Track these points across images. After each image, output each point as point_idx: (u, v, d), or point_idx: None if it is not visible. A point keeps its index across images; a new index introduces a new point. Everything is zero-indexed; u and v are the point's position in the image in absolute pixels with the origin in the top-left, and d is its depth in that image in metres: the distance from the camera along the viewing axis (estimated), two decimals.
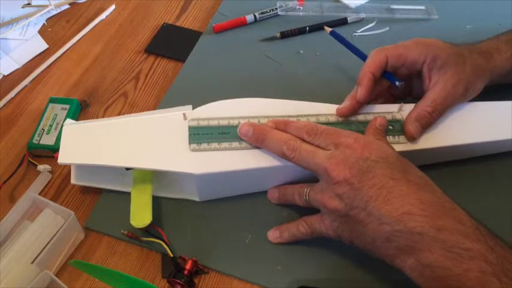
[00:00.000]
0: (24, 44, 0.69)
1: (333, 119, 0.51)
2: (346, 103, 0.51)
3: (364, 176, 0.41)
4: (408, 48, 0.51)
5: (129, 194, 0.51)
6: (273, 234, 0.50)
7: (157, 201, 0.51)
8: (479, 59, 0.52)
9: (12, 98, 0.64)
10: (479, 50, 0.53)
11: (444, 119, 0.52)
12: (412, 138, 0.50)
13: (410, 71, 0.52)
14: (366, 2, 0.73)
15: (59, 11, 0.74)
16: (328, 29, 0.61)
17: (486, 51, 0.53)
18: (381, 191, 0.41)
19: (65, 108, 0.60)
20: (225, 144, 0.49)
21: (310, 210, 0.47)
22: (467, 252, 0.37)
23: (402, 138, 0.51)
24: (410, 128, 0.50)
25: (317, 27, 0.69)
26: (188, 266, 0.47)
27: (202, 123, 0.50)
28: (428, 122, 0.50)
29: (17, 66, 0.67)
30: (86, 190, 0.54)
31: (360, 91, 0.50)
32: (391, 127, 0.51)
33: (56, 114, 0.59)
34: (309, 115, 0.51)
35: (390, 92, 0.55)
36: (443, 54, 0.50)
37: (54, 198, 0.54)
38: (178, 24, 0.72)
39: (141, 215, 0.48)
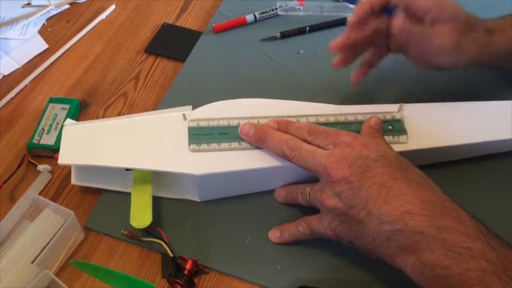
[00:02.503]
0: (24, 44, 0.69)
1: (332, 119, 0.51)
2: (338, 38, 0.50)
3: (364, 174, 0.41)
4: None
5: (129, 194, 0.51)
6: (273, 234, 0.50)
7: (157, 201, 0.51)
8: (479, 32, 0.51)
9: (12, 98, 0.64)
10: (485, 26, 0.52)
11: (444, 119, 0.52)
12: (394, 26, 0.50)
13: (412, 17, 0.50)
14: None
15: (59, 11, 0.74)
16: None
17: (489, 27, 0.52)
18: (381, 190, 0.41)
19: (65, 108, 0.60)
20: (224, 145, 0.49)
21: (312, 210, 0.47)
22: (467, 251, 0.37)
23: (402, 138, 0.51)
24: (395, 18, 0.49)
25: (317, 27, 0.69)
26: (188, 266, 0.47)
27: (202, 123, 0.50)
28: (405, 28, 0.49)
29: (17, 66, 0.67)
30: (86, 190, 0.54)
31: (352, 17, 0.50)
32: (390, 127, 0.51)
33: (56, 114, 0.59)
34: (309, 115, 0.51)
35: (383, 41, 0.53)
36: (453, 8, 0.49)
37: (54, 198, 0.54)
38: (178, 24, 0.72)
39: (141, 216, 0.48)
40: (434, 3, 0.49)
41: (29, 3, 0.73)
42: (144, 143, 0.50)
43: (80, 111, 0.62)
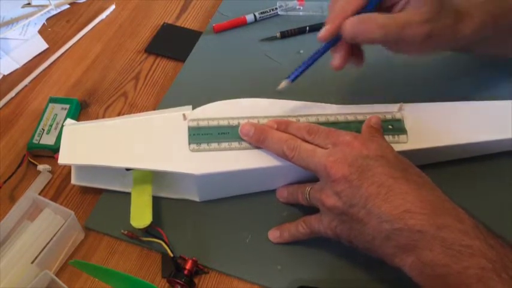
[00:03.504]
0: (24, 44, 0.69)
1: (332, 119, 0.51)
2: (325, 27, 0.47)
3: (363, 174, 0.41)
4: None
5: (129, 194, 0.51)
6: (273, 234, 0.50)
7: (157, 201, 0.51)
8: (450, 18, 0.47)
9: (12, 98, 0.64)
10: (455, 7, 0.48)
11: (444, 119, 0.52)
12: (344, 31, 0.46)
13: (389, 3, 0.48)
14: None
15: (59, 10, 0.74)
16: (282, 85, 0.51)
17: (459, 11, 0.48)
18: (380, 189, 0.41)
19: (65, 108, 0.60)
20: (224, 145, 0.49)
21: (313, 210, 0.47)
22: (467, 249, 0.37)
23: (402, 137, 0.51)
24: (348, 21, 0.46)
25: (317, 27, 0.69)
26: (188, 266, 0.47)
27: (202, 123, 0.50)
28: (369, 29, 0.45)
29: (17, 66, 0.67)
30: (86, 190, 0.54)
31: (323, 32, 0.47)
32: (390, 126, 0.51)
33: (56, 114, 0.59)
34: (309, 115, 0.51)
35: None
36: None
37: (54, 198, 0.54)
38: (178, 24, 0.72)
39: (141, 216, 0.48)
40: None
41: (29, 3, 0.73)
42: (144, 143, 0.50)
43: (80, 111, 0.62)
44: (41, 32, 0.71)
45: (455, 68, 0.62)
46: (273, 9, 0.71)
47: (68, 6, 0.75)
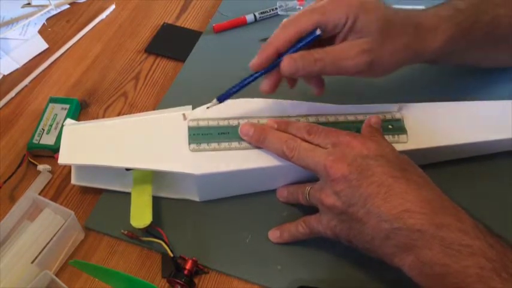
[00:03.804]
0: (24, 44, 0.69)
1: (332, 119, 0.52)
2: (256, 57, 0.47)
3: (363, 173, 0.41)
4: (326, 13, 0.45)
5: (129, 194, 0.51)
6: (273, 234, 0.50)
7: (157, 201, 0.51)
8: (408, 35, 0.47)
9: (12, 98, 0.64)
10: (416, 24, 0.48)
11: (444, 119, 0.52)
12: (282, 69, 0.45)
13: (330, 34, 0.46)
14: None
15: (59, 10, 0.74)
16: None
17: (422, 27, 0.48)
18: (380, 188, 0.41)
19: (65, 108, 0.60)
20: (224, 145, 0.49)
21: (313, 210, 0.47)
22: (466, 248, 0.37)
23: (402, 137, 0.51)
24: (285, 59, 0.45)
25: None
26: (188, 266, 0.47)
27: (202, 123, 0.50)
28: (306, 65, 0.45)
29: (17, 66, 0.67)
30: (86, 190, 0.54)
31: (254, 61, 0.47)
32: (390, 126, 0.51)
33: (56, 114, 0.59)
34: (309, 115, 0.51)
35: None
36: (367, 18, 0.45)
37: (54, 198, 0.54)
38: (178, 24, 0.72)
39: (141, 215, 0.48)
40: (347, 13, 0.44)
41: (29, 3, 0.73)
42: (144, 143, 0.50)
43: (80, 111, 0.62)
44: (41, 32, 0.71)
45: (455, 68, 0.62)
46: (273, 9, 0.71)
47: (68, 6, 0.75)
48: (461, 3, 0.51)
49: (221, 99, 0.49)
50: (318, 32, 0.45)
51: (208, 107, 0.49)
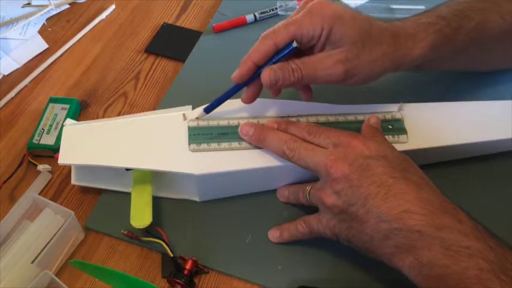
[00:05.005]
0: (24, 44, 0.69)
1: (332, 119, 0.52)
2: (237, 70, 0.48)
3: (364, 173, 0.41)
4: (301, 25, 0.45)
5: (129, 194, 0.51)
6: (273, 234, 0.50)
7: (157, 201, 0.51)
8: (386, 44, 0.47)
9: (12, 98, 0.64)
10: (393, 33, 0.48)
11: (444, 119, 0.52)
12: (262, 80, 0.46)
13: (307, 45, 0.47)
14: (366, 2, 0.73)
15: (59, 10, 0.74)
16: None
17: (400, 36, 0.48)
18: (380, 188, 0.41)
19: (65, 108, 0.60)
20: (224, 145, 0.49)
21: (313, 210, 0.47)
22: (466, 250, 0.37)
23: (402, 137, 0.51)
24: (265, 70, 0.46)
25: None
26: (188, 266, 0.47)
27: (202, 123, 0.50)
28: (285, 75, 0.46)
29: (17, 66, 0.67)
30: (86, 190, 0.54)
31: (236, 74, 0.48)
32: (390, 126, 0.51)
33: (56, 114, 0.59)
34: (309, 115, 0.51)
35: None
36: (342, 29, 0.45)
37: (54, 198, 0.54)
38: (178, 24, 0.72)
39: (141, 216, 0.48)
40: (322, 24, 0.45)
41: (29, 3, 0.73)
42: (144, 143, 0.50)
43: (80, 111, 0.62)
44: (41, 32, 0.71)
45: None
46: (273, 9, 0.71)
47: (68, 6, 0.75)
48: (444, 9, 0.51)
49: (207, 111, 0.50)
50: (294, 44, 0.46)
51: (197, 117, 0.50)
